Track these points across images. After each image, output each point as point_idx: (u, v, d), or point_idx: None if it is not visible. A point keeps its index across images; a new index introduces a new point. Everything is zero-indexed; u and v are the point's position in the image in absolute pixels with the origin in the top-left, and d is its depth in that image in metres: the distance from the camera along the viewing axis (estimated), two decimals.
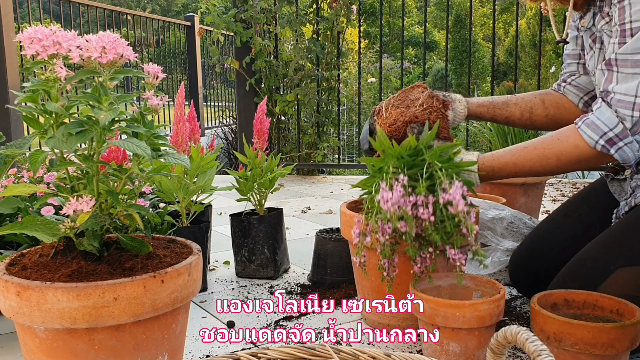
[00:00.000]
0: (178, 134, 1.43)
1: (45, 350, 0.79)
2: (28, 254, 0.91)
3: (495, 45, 3.36)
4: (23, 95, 0.81)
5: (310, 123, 3.68)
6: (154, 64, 0.91)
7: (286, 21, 3.47)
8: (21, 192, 0.86)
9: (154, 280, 0.80)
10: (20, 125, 3.42)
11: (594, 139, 1.03)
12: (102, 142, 0.83)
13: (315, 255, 1.52)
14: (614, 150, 1.03)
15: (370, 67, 7.13)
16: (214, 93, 7.63)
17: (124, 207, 0.86)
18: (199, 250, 0.93)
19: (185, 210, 1.46)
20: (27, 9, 4.20)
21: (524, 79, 8.82)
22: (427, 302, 1.01)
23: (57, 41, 0.79)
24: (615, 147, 1.02)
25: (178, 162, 0.86)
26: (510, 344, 0.60)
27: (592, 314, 1.03)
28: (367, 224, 1.01)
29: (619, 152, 1.03)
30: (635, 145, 1.03)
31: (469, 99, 1.33)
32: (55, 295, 0.75)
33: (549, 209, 2.48)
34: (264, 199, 1.58)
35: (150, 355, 0.83)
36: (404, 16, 3.56)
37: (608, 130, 1.02)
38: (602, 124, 1.03)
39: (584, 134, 1.05)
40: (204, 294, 1.46)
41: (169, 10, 39.18)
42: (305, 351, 0.65)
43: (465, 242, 0.97)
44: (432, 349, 1.03)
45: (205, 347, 1.15)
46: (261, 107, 1.58)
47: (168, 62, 7.04)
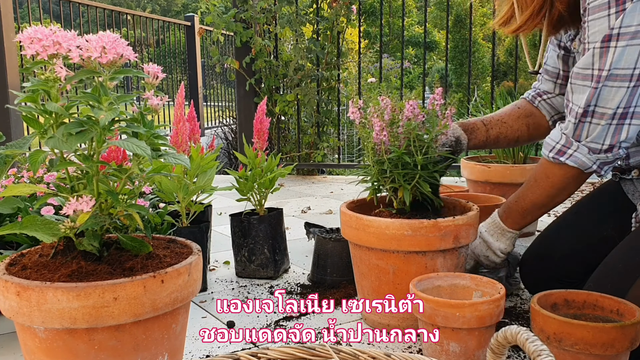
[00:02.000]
0: (178, 134, 1.43)
1: (45, 350, 0.79)
2: (28, 254, 0.91)
3: (495, 45, 3.36)
4: (23, 95, 0.81)
5: (310, 123, 3.68)
6: (154, 64, 0.91)
7: (286, 21, 3.47)
8: (21, 192, 0.86)
9: (154, 280, 0.80)
10: (20, 125, 3.42)
11: (546, 154, 1.19)
12: (102, 142, 0.83)
13: (315, 255, 1.52)
14: (565, 158, 1.16)
15: (370, 67, 7.13)
16: (214, 93, 7.63)
17: (124, 207, 0.86)
18: (199, 250, 0.93)
19: (185, 210, 1.46)
20: (27, 9, 4.20)
21: (524, 79, 8.80)
22: (427, 302, 1.01)
23: (57, 41, 0.79)
24: (565, 156, 1.16)
25: (178, 162, 0.86)
26: (510, 344, 0.60)
27: (592, 314, 1.03)
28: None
29: (570, 159, 1.15)
30: (585, 149, 1.13)
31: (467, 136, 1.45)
32: (55, 295, 0.75)
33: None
34: (264, 199, 1.58)
35: (150, 355, 0.83)
36: (404, 16, 3.56)
37: (555, 143, 1.17)
38: (551, 139, 1.19)
39: (542, 152, 1.22)
40: (204, 294, 1.46)
41: (169, 10, 39.17)
42: (305, 351, 0.65)
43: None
44: (432, 349, 1.03)
45: (205, 347, 1.15)
46: (261, 107, 1.58)
47: (168, 62, 7.04)
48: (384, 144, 1.18)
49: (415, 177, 1.18)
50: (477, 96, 3.45)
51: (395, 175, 1.19)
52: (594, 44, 1.08)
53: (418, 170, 1.18)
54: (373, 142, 1.19)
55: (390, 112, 1.19)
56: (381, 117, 1.17)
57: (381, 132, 1.17)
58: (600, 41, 1.07)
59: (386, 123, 1.18)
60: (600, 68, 1.08)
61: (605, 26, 1.06)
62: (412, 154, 1.17)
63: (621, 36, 1.05)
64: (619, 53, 1.05)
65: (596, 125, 1.11)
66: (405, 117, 1.17)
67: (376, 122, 1.17)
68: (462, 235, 1.16)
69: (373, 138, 1.18)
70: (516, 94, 2.72)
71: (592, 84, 1.09)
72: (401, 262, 1.15)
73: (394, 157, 1.18)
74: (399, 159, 1.17)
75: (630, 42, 1.04)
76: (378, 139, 1.17)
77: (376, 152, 1.20)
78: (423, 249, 1.13)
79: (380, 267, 1.17)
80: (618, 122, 1.09)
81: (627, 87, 1.06)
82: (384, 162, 1.19)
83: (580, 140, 1.13)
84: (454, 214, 1.30)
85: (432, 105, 1.20)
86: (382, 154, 1.19)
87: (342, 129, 4.21)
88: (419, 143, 1.18)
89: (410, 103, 1.17)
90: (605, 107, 1.09)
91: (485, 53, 16.58)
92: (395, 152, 1.17)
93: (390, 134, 1.18)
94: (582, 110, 1.11)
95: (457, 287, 1.12)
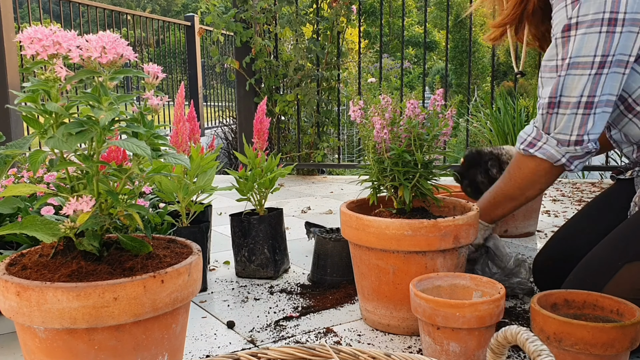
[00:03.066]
0: (178, 134, 1.43)
1: (45, 350, 0.79)
2: (28, 254, 0.91)
3: (495, 45, 3.35)
4: (23, 95, 0.81)
5: (310, 123, 3.68)
6: (154, 64, 0.91)
7: (286, 21, 3.47)
8: (21, 192, 0.86)
9: (154, 280, 0.80)
10: (20, 125, 3.43)
11: (518, 146, 1.22)
12: (102, 142, 0.83)
13: (315, 255, 1.52)
14: (534, 151, 1.19)
15: (370, 67, 7.13)
16: (214, 93, 7.63)
17: (124, 207, 0.86)
18: (199, 250, 0.93)
19: (185, 210, 1.46)
20: (27, 9, 4.20)
21: (524, 79, 8.82)
22: (427, 302, 1.01)
23: (57, 41, 0.79)
24: (535, 148, 1.19)
25: (178, 162, 0.86)
26: (510, 344, 0.60)
27: (592, 314, 1.03)
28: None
29: (539, 151, 1.18)
30: (553, 141, 1.15)
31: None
32: (55, 295, 0.75)
33: (549, 209, 2.48)
34: (264, 199, 1.58)
35: (150, 355, 0.83)
36: (404, 16, 3.56)
37: (527, 136, 1.20)
38: (524, 133, 1.21)
39: (516, 146, 1.24)
40: (204, 294, 1.46)
41: (169, 10, 39.17)
42: (305, 351, 0.65)
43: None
44: (432, 349, 1.03)
45: (205, 347, 1.15)
46: (261, 107, 1.58)
47: (168, 62, 7.04)
48: (385, 143, 1.18)
49: (415, 175, 1.18)
50: (477, 96, 3.45)
51: (395, 173, 1.19)
52: (556, 34, 1.11)
53: (418, 168, 1.18)
54: (374, 141, 1.19)
55: (391, 111, 1.19)
56: (382, 115, 1.17)
57: (382, 131, 1.17)
58: (560, 31, 1.10)
59: (387, 122, 1.18)
60: (563, 57, 1.10)
61: (564, 16, 1.09)
62: (412, 153, 1.18)
63: (579, 25, 1.07)
64: (578, 41, 1.07)
65: (562, 115, 1.13)
66: (406, 115, 1.18)
67: (377, 120, 1.17)
68: (462, 235, 1.16)
69: (374, 137, 1.18)
70: (516, 94, 2.72)
71: (557, 74, 1.12)
72: (401, 262, 1.15)
73: (394, 155, 1.18)
74: (399, 157, 1.18)
75: (588, 30, 1.06)
76: (379, 137, 1.17)
77: (377, 151, 1.20)
78: (423, 249, 1.13)
79: (380, 267, 1.17)
80: (584, 111, 1.11)
81: (589, 74, 1.08)
82: (384, 160, 1.19)
83: (550, 133, 1.16)
84: (454, 214, 1.30)
85: (432, 106, 1.21)
86: (382, 153, 1.19)
87: (342, 129, 4.21)
88: (420, 142, 1.18)
89: (412, 102, 1.18)
90: (570, 96, 1.11)
91: (485, 53, 16.57)
92: (396, 150, 1.17)
93: (391, 133, 1.19)
94: (548, 100, 1.13)
95: (457, 287, 1.12)
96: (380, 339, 1.18)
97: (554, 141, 1.16)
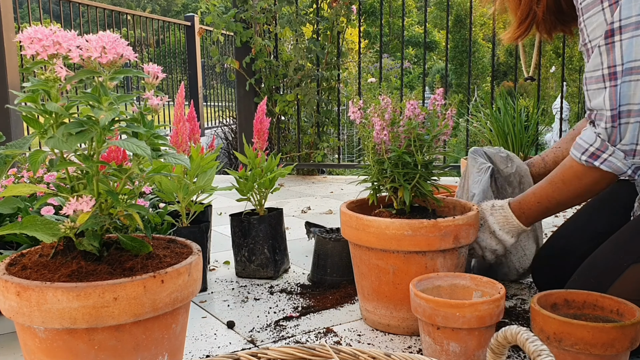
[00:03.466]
0: (178, 134, 1.43)
1: (45, 350, 0.79)
2: (28, 254, 0.91)
3: (495, 45, 3.35)
4: (23, 95, 0.81)
5: (310, 123, 3.68)
6: (154, 64, 0.91)
7: (286, 21, 3.47)
8: (21, 192, 0.86)
9: (154, 280, 0.80)
10: (20, 125, 3.43)
11: (578, 157, 1.12)
12: (102, 142, 0.83)
13: (315, 255, 1.52)
14: (599, 163, 1.09)
15: (370, 67, 7.13)
16: (214, 93, 7.63)
17: (124, 207, 0.86)
18: (199, 250, 0.93)
19: (185, 210, 1.46)
20: (27, 9, 4.20)
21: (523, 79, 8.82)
22: (427, 302, 1.01)
23: (57, 41, 0.79)
24: (599, 160, 1.09)
25: (178, 162, 0.86)
26: (510, 344, 0.60)
27: (592, 314, 1.03)
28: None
29: (604, 164, 1.09)
30: (620, 154, 1.07)
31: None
32: (55, 295, 0.75)
33: None
34: (264, 199, 1.58)
35: (150, 355, 0.83)
36: (404, 16, 3.56)
37: (588, 146, 1.10)
38: (584, 142, 1.11)
39: (572, 154, 1.14)
40: (204, 294, 1.46)
41: (169, 10, 39.17)
42: (305, 351, 0.65)
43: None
44: (432, 349, 1.03)
45: (205, 347, 1.15)
46: (261, 107, 1.58)
47: (168, 62, 7.04)
48: (385, 144, 1.18)
49: (415, 176, 1.18)
50: (477, 96, 3.44)
51: (395, 174, 1.19)
52: (597, 41, 1.05)
53: (418, 169, 1.18)
54: (373, 141, 1.19)
55: (391, 112, 1.19)
56: (382, 116, 1.17)
57: (382, 132, 1.17)
58: (603, 38, 1.04)
59: (387, 122, 1.18)
60: (611, 65, 1.04)
61: (602, 21, 1.04)
62: (412, 154, 1.18)
63: (624, 28, 1.01)
64: (626, 46, 1.01)
65: (626, 124, 1.05)
66: (406, 116, 1.18)
67: (377, 121, 1.17)
68: (462, 235, 1.16)
69: (373, 138, 1.18)
70: (516, 94, 2.73)
71: (608, 83, 1.05)
72: (401, 262, 1.15)
73: (394, 157, 1.18)
74: (399, 158, 1.18)
75: (636, 33, 1.00)
76: (378, 138, 1.17)
77: (376, 151, 1.20)
78: (423, 249, 1.13)
79: (380, 267, 1.17)
80: None
81: None
82: (384, 161, 1.19)
83: (616, 145, 1.08)
84: (454, 214, 1.30)
85: (432, 105, 1.21)
86: (382, 154, 1.19)
87: (342, 129, 4.21)
88: (420, 142, 1.18)
89: (411, 102, 1.17)
90: (632, 104, 1.03)
91: (485, 53, 16.57)
92: (396, 151, 1.17)
93: (391, 134, 1.18)
94: (612, 113, 1.05)
95: (457, 287, 1.12)
96: (380, 339, 1.18)
97: (621, 154, 1.07)
